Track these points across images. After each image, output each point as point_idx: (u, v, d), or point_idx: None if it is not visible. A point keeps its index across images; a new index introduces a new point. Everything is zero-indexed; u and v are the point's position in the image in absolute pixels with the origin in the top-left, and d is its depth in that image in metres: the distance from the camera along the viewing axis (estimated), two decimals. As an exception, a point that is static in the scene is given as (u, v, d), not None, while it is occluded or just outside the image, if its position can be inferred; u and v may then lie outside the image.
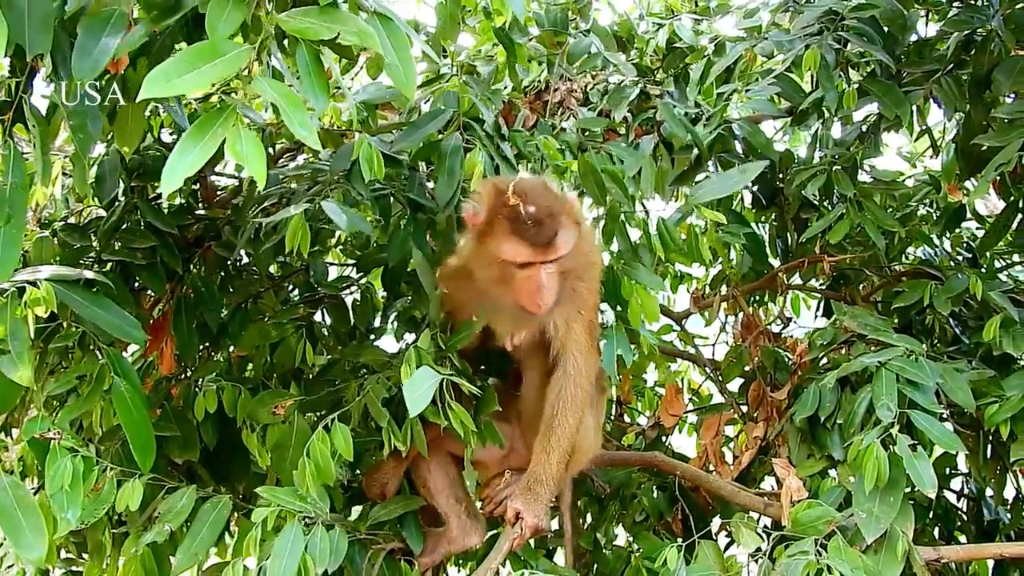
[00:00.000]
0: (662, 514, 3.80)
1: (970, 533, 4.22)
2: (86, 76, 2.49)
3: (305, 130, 2.23)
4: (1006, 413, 3.42)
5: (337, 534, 2.98)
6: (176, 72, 2.12)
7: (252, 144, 2.19)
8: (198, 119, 2.20)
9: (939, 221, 4.48)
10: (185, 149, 2.16)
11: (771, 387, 3.95)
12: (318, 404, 3.46)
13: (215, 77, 2.17)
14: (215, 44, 2.18)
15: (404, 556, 3.35)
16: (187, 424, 3.63)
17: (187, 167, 2.14)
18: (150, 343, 3.97)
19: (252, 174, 2.19)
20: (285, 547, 2.86)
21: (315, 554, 2.89)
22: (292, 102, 2.23)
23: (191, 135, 2.16)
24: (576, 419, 3.20)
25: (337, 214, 3.11)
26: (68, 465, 2.91)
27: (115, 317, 3.06)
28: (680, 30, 4.42)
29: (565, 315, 3.19)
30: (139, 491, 3.05)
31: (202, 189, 4.24)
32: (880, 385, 3.28)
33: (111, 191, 3.90)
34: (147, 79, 2.10)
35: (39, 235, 3.88)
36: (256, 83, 2.25)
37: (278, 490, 3.04)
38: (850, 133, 4.31)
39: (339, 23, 2.26)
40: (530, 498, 3.17)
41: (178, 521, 3.06)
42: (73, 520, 2.90)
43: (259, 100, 4.47)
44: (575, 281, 3.19)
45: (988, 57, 3.87)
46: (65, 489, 2.89)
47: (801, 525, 3.05)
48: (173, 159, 2.15)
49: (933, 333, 3.97)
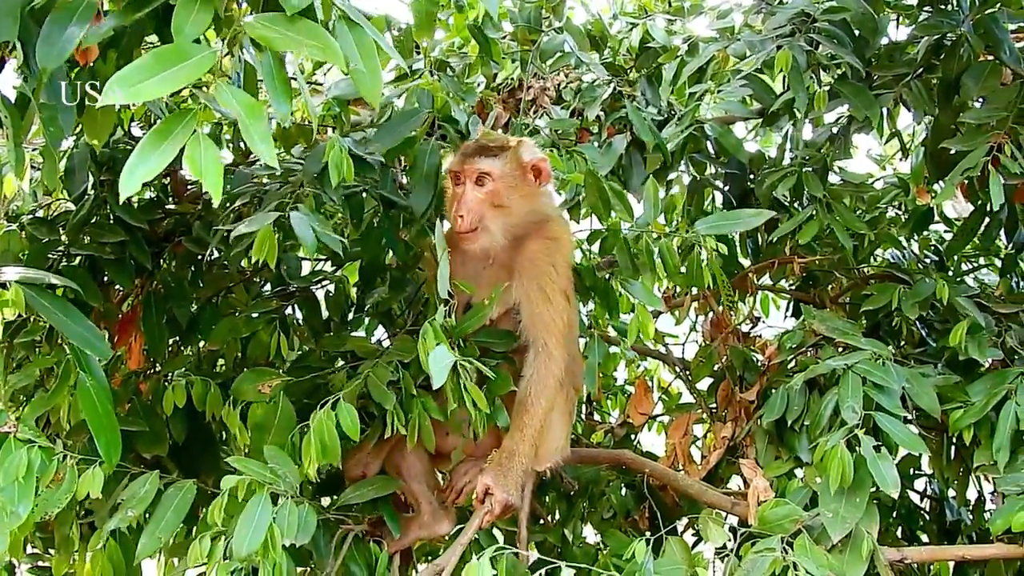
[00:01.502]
0: (629, 512, 3.82)
1: (932, 533, 4.27)
2: (51, 64, 2.46)
3: (263, 143, 2.21)
4: (970, 419, 3.45)
5: (306, 509, 2.97)
6: (140, 76, 2.10)
7: (210, 155, 2.17)
8: (159, 123, 2.18)
9: (907, 224, 4.51)
10: (144, 153, 2.13)
11: (740, 387, 3.97)
12: (299, 389, 3.44)
13: (180, 82, 2.14)
14: (180, 47, 2.16)
15: (373, 539, 3.34)
16: (156, 419, 3.61)
17: (146, 172, 2.12)
18: (119, 338, 3.96)
19: (207, 187, 2.16)
20: (253, 517, 2.83)
21: (283, 526, 2.87)
22: (252, 112, 2.21)
23: (151, 139, 2.14)
24: (548, 401, 3.23)
25: (303, 228, 3.10)
26: (23, 457, 2.87)
27: (81, 327, 3.02)
28: (653, 30, 4.42)
29: (525, 287, 3.25)
30: (100, 478, 3.01)
31: (172, 184, 4.21)
32: (846, 388, 3.30)
33: (80, 185, 3.87)
34: (109, 83, 2.07)
35: (7, 228, 3.86)
36: (218, 90, 2.22)
37: (248, 460, 3.01)
38: (820, 135, 4.35)
39: (304, 36, 2.23)
40: (500, 473, 3.18)
41: (142, 507, 3.04)
42: (23, 513, 2.85)
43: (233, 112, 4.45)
44: (534, 253, 3.27)
45: (957, 62, 3.90)
46: (18, 482, 2.85)
47: (768, 523, 3.07)
48: (131, 163, 2.13)
49: (900, 336, 4.01)
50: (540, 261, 3.28)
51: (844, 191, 4.24)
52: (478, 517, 3.20)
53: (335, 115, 4.32)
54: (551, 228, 3.37)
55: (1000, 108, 3.71)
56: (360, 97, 4.04)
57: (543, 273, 3.27)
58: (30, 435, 2.92)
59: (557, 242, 3.36)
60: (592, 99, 4.08)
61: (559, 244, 3.36)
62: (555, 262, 3.31)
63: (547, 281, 3.27)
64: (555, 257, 3.31)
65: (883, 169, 5.59)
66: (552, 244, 3.33)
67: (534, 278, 3.27)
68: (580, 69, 4.31)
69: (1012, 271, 4.42)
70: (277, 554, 2.84)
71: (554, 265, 3.30)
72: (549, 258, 3.30)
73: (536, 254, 3.29)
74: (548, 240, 3.33)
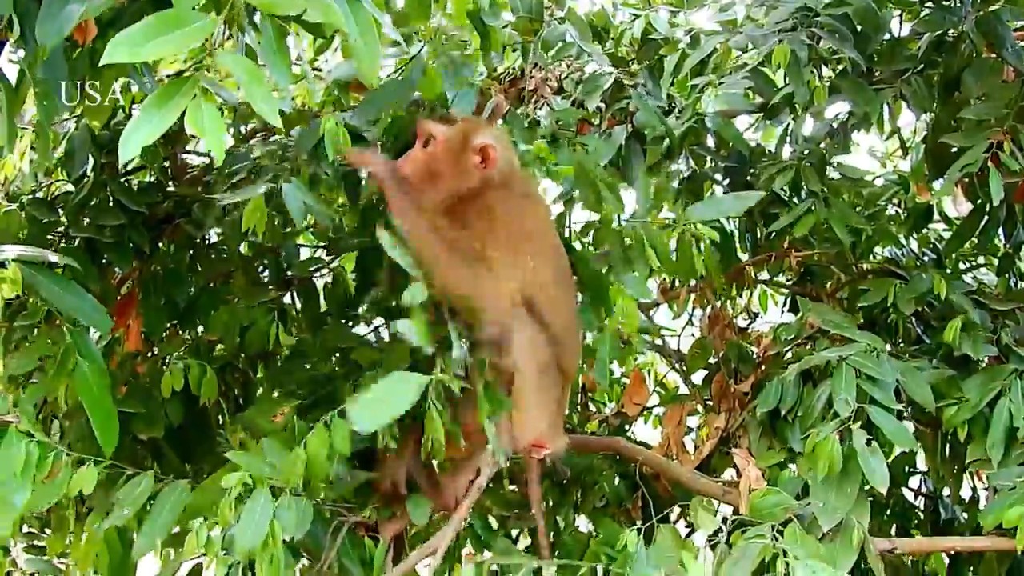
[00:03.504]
0: (622, 501, 3.83)
1: (926, 531, 4.26)
2: (50, 41, 2.47)
3: (266, 104, 2.22)
4: (964, 415, 3.46)
5: (304, 503, 2.96)
6: (140, 39, 2.11)
7: (211, 117, 2.18)
8: (158, 88, 2.19)
9: (907, 221, 4.51)
10: (144, 118, 2.14)
11: (735, 379, 3.98)
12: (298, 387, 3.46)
13: (179, 46, 2.15)
14: (180, 13, 2.16)
15: (368, 532, 3.35)
16: (153, 401, 3.62)
17: (145, 136, 2.13)
18: (117, 320, 3.97)
19: (209, 147, 2.19)
20: (254, 512, 2.84)
21: (283, 521, 2.87)
22: (254, 77, 2.23)
23: (150, 104, 2.15)
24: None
25: (294, 200, 3.10)
26: (22, 450, 2.87)
27: (80, 301, 3.04)
28: (656, 21, 4.42)
29: (481, 238, 3.19)
30: (93, 476, 3.00)
31: (173, 166, 4.22)
32: (839, 379, 3.31)
33: (80, 167, 3.89)
34: (110, 44, 2.09)
35: (6, 208, 3.87)
36: (219, 56, 2.23)
37: (247, 455, 3.02)
38: (820, 130, 4.35)
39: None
40: None
41: (136, 507, 3.03)
42: (20, 505, 2.86)
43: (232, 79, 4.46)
44: (494, 202, 3.24)
45: (959, 58, 3.91)
46: (15, 475, 2.86)
47: (759, 512, 3.08)
48: (131, 128, 2.13)
49: (896, 332, 4.01)
50: (498, 210, 3.24)
51: (842, 186, 4.24)
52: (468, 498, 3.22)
53: (335, 100, 4.33)
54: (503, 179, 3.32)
55: (1001, 105, 3.72)
56: (360, 82, 4.08)
57: (496, 227, 3.22)
58: (29, 427, 2.92)
59: (528, 200, 3.37)
60: (594, 89, 4.07)
61: (529, 203, 3.37)
62: (519, 216, 3.29)
63: (508, 234, 3.23)
64: (517, 217, 3.29)
65: (884, 166, 5.59)
66: (520, 201, 3.32)
67: (489, 228, 3.21)
68: (582, 59, 4.30)
69: (1009, 270, 4.42)
70: (277, 548, 2.85)
71: (518, 219, 3.28)
72: (511, 214, 3.27)
73: (495, 203, 3.25)
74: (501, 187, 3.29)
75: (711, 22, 4.56)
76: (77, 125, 3.94)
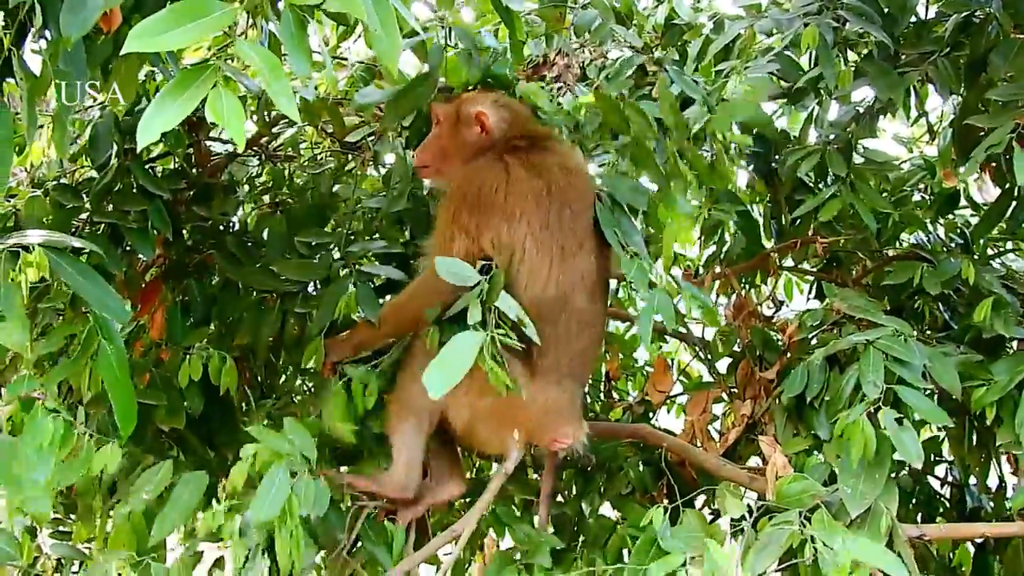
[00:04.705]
0: (647, 488, 3.81)
1: (951, 520, 4.22)
2: (75, 32, 2.47)
3: (284, 97, 2.23)
4: (993, 396, 3.39)
5: (321, 483, 3.00)
6: (161, 27, 2.12)
7: (231, 104, 2.18)
8: (179, 75, 2.19)
9: (933, 207, 4.47)
10: (163, 105, 2.15)
11: (760, 367, 3.95)
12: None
13: (201, 34, 2.16)
14: (201, 1, 2.16)
15: (388, 516, 3.35)
16: (174, 391, 3.63)
17: (164, 121, 2.14)
18: (141, 307, 3.98)
19: (230, 135, 2.18)
20: (271, 486, 2.87)
21: (300, 496, 2.90)
22: (273, 67, 2.23)
23: (170, 90, 2.16)
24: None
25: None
26: (48, 425, 2.90)
27: (100, 290, 3.03)
28: (679, 7, 4.40)
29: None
30: (117, 455, 3.03)
31: (196, 153, 4.23)
32: (868, 363, 3.26)
33: (104, 153, 3.89)
34: (131, 33, 2.09)
35: (32, 194, 3.88)
36: (238, 45, 2.24)
37: (267, 430, 3.05)
38: (845, 114, 4.31)
39: None
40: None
41: (155, 493, 3.07)
42: (41, 480, 2.88)
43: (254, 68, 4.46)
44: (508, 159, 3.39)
45: (985, 39, 3.86)
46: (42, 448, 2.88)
47: (786, 498, 3.06)
48: (150, 112, 2.14)
49: (923, 318, 3.97)
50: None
51: (868, 170, 4.19)
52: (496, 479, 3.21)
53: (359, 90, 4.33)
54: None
55: (1028, 85, 3.67)
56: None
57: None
58: (54, 404, 2.94)
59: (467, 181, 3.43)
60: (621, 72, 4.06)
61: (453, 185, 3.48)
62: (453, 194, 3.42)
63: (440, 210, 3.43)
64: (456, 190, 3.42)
65: (910, 151, 5.54)
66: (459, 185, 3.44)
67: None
68: (605, 46, 4.28)
69: (1038, 254, 4.39)
70: (293, 522, 2.86)
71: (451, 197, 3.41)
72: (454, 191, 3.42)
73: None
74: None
75: (735, 7, 4.52)
76: (102, 113, 3.94)
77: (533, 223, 3.27)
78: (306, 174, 4.54)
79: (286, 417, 3.17)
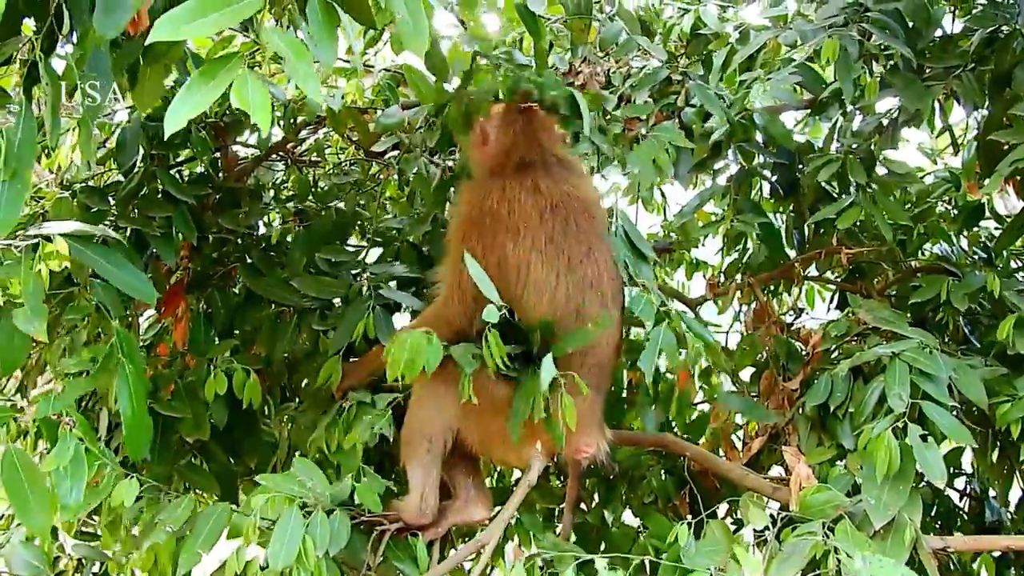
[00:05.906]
0: (670, 497, 3.81)
1: (970, 533, 4.21)
2: (109, 33, 2.51)
3: (310, 82, 2.25)
4: (1018, 412, 3.39)
5: (338, 518, 3.01)
6: (186, 18, 2.14)
7: (258, 91, 2.20)
8: (205, 63, 2.21)
9: (957, 219, 4.46)
10: (190, 92, 2.17)
11: (783, 376, 3.95)
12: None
13: (225, 24, 2.18)
14: (229, -9, 2.19)
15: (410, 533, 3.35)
16: (198, 403, 3.64)
17: (191, 109, 2.17)
18: (165, 309, 4.00)
19: (256, 120, 2.19)
20: (285, 531, 2.88)
21: (315, 536, 2.91)
22: (300, 55, 2.24)
23: (197, 78, 2.18)
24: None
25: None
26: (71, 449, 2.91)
27: (127, 275, 3.09)
28: (705, 16, 4.41)
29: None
30: (134, 488, 3.04)
31: (223, 159, 4.25)
32: (893, 375, 3.27)
33: (131, 157, 3.92)
34: (156, 23, 2.12)
35: (59, 195, 3.91)
36: (264, 33, 2.26)
37: (276, 476, 3.08)
38: (868, 125, 4.31)
39: None
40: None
41: (177, 525, 3.06)
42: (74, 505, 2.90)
43: (281, 75, 4.49)
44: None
45: (1010, 55, 3.87)
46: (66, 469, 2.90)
47: (809, 508, 3.06)
48: (178, 100, 2.17)
49: (946, 331, 3.97)
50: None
51: (889, 181, 4.19)
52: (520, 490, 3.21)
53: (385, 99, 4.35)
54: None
55: (1053, 102, 3.67)
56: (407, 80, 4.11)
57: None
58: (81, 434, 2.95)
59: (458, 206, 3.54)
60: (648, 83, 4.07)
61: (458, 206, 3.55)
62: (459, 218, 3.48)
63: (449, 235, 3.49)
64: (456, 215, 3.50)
65: (934, 163, 5.54)
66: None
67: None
68: (630, 55, 4.30)
69: (1062, 268, 4.37)
70: (310, 563, 2.87)
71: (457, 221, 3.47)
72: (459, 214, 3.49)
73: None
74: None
75: (761, 17, 4.53)
76: (129, 117, 3.97)
77: (538, 239, 3.29)
78: (330, 181, 4.57)
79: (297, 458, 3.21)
